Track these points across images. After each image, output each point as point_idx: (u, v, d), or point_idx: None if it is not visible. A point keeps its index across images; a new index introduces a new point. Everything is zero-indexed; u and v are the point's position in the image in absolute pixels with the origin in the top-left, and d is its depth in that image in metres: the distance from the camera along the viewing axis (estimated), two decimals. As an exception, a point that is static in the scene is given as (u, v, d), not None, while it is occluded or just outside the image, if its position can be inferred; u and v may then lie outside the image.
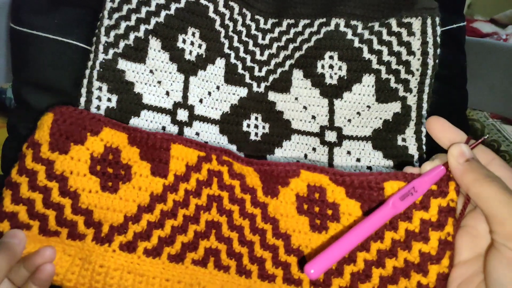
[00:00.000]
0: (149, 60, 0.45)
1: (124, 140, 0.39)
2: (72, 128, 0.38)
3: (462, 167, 0.31)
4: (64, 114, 0.38)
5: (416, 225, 0.34)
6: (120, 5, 0.45)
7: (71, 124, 0.38)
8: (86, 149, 0.38)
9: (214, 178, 0.40)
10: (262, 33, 0.50)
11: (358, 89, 0.49)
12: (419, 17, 0.48)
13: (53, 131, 0.37)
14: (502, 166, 0.32)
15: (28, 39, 0.46)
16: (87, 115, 0.38)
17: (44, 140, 0.37)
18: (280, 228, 0.39)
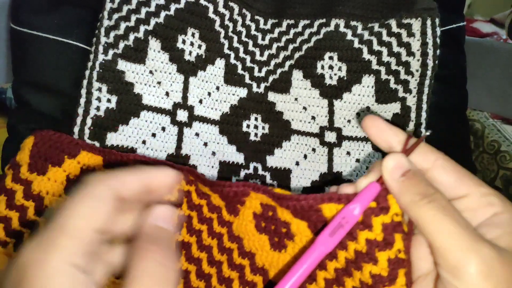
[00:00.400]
0: (149, 61, 0.45)
1: (100, 162, 0.40)
2: (51, 151, 0.39)
3: (397, 184, 0.27)
4: (44, 138, 0.39)
5: (362, 246, 0.30)
6: (119, 5, 0.45)
7: (50, 147, 0.39)
8: (63, 170, 0.39)
9: (184, 198, 0.38)
10: (262, 34, 0.50)
11: (357, 90, 0.49)
12: (419, 18, 0.48)
13: (33, 153, 0.38)
14: (447, 168, 0.28)
15: (28, 39, 0.46)
16: (66, 138, 0.39)
17: (24, 161, 0.39)
18: (245, 247, 0.38)
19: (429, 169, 0.28)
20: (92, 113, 0.43)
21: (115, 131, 0.43)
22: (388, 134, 0.30)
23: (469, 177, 0.27)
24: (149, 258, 0.24)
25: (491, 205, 0.26)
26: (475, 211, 0.26)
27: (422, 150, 0.29)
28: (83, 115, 0.43)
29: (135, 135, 0.44)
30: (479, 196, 0.26)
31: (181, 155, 0.45)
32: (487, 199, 0.26)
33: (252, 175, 0.47)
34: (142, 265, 0.23)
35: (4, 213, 0.38)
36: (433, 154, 0.29)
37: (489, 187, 0.27)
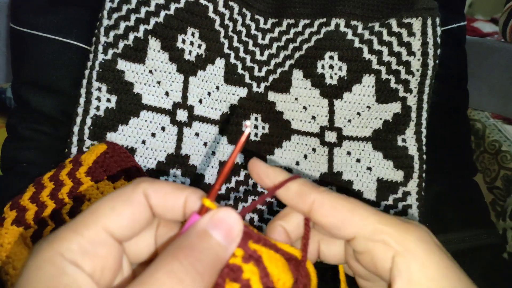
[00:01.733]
0: (149, 61, 0.45)
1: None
2: (114, 166, 0.40)
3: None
4: (115, 152, 0.40)
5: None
6: (119, 5, 0.44)
7: (115, 162, 0.40)
8: (113, 187, 0.39)
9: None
10: (262, 33, 0.50)
11: (358, 90, 0.49)
12: (419, 18, 0.47)
13: (98, 160, 0.39)
14: (325, 210, 0.24)
15: (27, 39, 0.46)
16: (131, 161, 0.41)
17: (86, 163, 0.39)
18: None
19: (309, 213, 0.24)
20: (92, 113, 0.43)
21: (114, 130, 0.43)
22: (268, 178, 0.26)
23: (352, 212, 0.23)
24: (166, 268, 0.18)
25: (386, 244, 0.22)
26: (372, 255, 0.22)
27: (298, 192, 0.24)
28: (82, 114, 0.43)
29: (134, 135, 0.44)
30: (369, 235, 0.22)
31: (181, 155, 0.45)
32: (379, 238, 0.22)
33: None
34: (156, 274, 0.18)
35: (45, 199, 0.38)
36: (310, 196, 0.24)
37: (379, 218, 0.22)
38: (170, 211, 0.22)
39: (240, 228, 0.21)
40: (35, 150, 0.45)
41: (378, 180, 0.48)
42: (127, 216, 0.21)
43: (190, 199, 0.22)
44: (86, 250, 0.20)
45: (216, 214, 0.21)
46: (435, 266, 0.21)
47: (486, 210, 0.53)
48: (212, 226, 0.21)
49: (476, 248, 0.49)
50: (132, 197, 0.21)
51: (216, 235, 0.21)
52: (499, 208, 0.91)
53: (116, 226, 0.21)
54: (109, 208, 0.21)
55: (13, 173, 0.45)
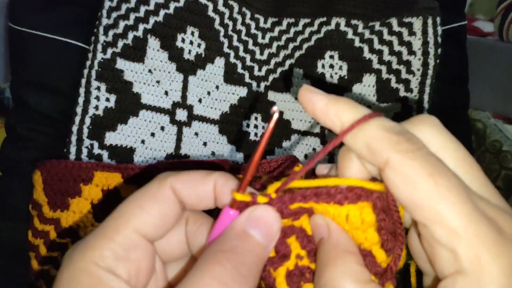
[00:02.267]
0: (148, 60, 0.45)
1: (119, 179, 0.38)
2: (64, 183, 0.37)
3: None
4: (51, 171, 0.37)
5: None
6: (119, 4, 0.44)
7: (60, 179, 0.37)
8: (84, 199, 0.37)
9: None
10: (262, 32, 0.50)
11: (358, 89, 0.49)
12: (420, 17, 0.47)
13: (47, 191, 0.37)
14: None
15: (26, 38, 0.46)
16: (73, 165, 0.37)
17: (42, 200, 0.37)
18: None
19: (382, 172, 0.19)
20: (91, 112, 0.42)
21: (114, 130, 0.43)
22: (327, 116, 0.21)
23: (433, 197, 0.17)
24: (210, 273, 0.18)
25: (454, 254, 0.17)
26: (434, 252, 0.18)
27: (368, 145, 0.19)
28: (81, 114, 0.42)
29: (134, 135, 0.44)
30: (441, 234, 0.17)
31: (181, 155, 0.45)
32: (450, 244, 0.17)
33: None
34: (201, 280, 0.17)
35: (47, 254, 0.37)
36: (383, 153, 0.19)
37: (464, 216, 0.17)
38: (203, 200, 0.22)
39: (279, 225, 0.20)
40: (34, 150, 0.45)
41: None
42: (156, 214, 0.20)
43: (218, 183, 0.21)
44: (119, 255, 0.19)
45: (253, 212, 0.20)
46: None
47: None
48: (251, 225, 0.20)
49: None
50: (159, 193, 0.21)
51: (256, 234, 0.20)
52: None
53: (147, 226, 0.20)
54: (138, 208, 0.20)
55: (12, 173, 0.45)
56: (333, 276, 0.19)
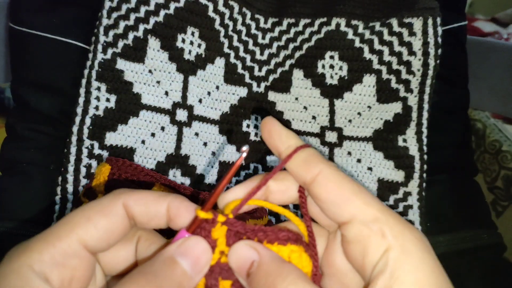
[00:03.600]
0: (148, 60, 0.45)
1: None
2: (126, 183, 0.38)
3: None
4: (121, 169, 0.39)
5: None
6: (119, 4, 0.44)
7: (125, 179, 0.39)
8: None
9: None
10: (262, 33, 0.50)
11: (358, 89, 0.49)
12: (420, 17, 0.47)
13: (109, 184, 0.38)
14: (328, 184, 0.22)
15: (26, 38, 0.46)
16: (141, 171, 0.39)
17: (99, 191, 0.38)
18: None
19: (310, 184, 0.22)
20: (91, 113, 0.42)
21: (114, 130, 0.43)
22: (279, 140, 0.24)
23: (356, 194, 0.21)
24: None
25: (381, 234, 0.20)
26: (364, 244, 0.20)
27: (305, 160, 0.23)
28: (82, 114, 0.42)
29: (134, 135, 0.44)
30: (367, 221, 0.20)
31: (181, 155, 0.45)
32: (377, 226, 0.20)
33: (252, 175, 0.47)
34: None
35: None
36: (317, 166, 0.22)
37: (381, 207, 0.21)
38: (153, 219, 0.22)
39: (208, 258, 0.21)
40: (35, 150, 0.45)
41: (378, 180, 0.48)
42: (102, 227, 0.20)
43: (172, 204, 0.22)
44: (56, 261, 0.19)
45: (185, 242, 0.21)
46: (428, 271, 0.19)
47: (486, 210, 0.53)
48: (179, 253, 0.20)
49: (477, 248, 0.49)
50: (109, 207, 0.21)
51: (183, 264, 0.20)
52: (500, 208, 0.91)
53: (91, 237, 0.20)
54: (84, 218, 0.20)
55: (13, 173, 0.45)
56: (286, 284, 0.19)
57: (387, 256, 0.19)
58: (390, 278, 0.19)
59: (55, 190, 0.42)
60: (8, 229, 0.42)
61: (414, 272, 0.19)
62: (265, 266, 0.21)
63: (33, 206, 0.43)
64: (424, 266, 0.19)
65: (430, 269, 0.19)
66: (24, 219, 0.42)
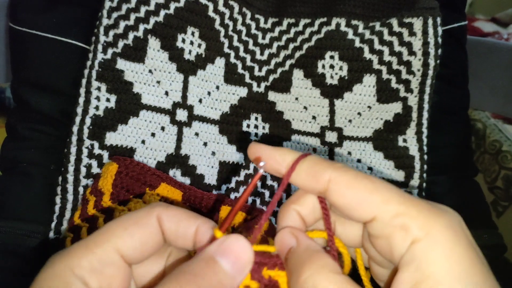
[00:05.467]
0: (148, 60, 0.45)
1: (179, 197, 0.40)
2: (133, 182, 0.39)
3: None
4: (128, 168, 0.39)
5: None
6: (119, 4, 0.44)
7: (131, 178, 0.39)
8: (143, 202, 0.39)
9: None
10: (262, 33, 0.50)
11: (359, 89, 0.49)
12: (420, 17, 0.47)
13: (116, 183, 0.38)
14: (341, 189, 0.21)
15: (26, 38, 0.46)
16: (148, 170, 0.40)
17: (107, 189, 0.38)
18: None
19: (325, 193, 0.22)
20: (91, 113, 0.42)
21: (114, 130, 0.43)
22: (275, 162, 0.24)
23: (372, 193, 0.20)
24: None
25: (405, 229, 0.19)
26: (389, 240, 0.20)
27: (310, 171, 0.22)
28: (82, 114, 0.42)
29: (134, 135, 0.44)
30: (389, 218, 0.19)
31: (181, 155, 0.45)
32: (399, 222, 0.19)
33: (252, 175, 0.47)
34: None
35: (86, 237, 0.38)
36: (324, 173, 0.21)
37: (401, 199, 0.20)
38: (181, 238, 0.22)
39: (250, 257, 0.21)
40: (35, 150, 0.45)
41: None
42: (138, 237, 0.21)
43: (201, 228, 0.22)
44: (95, 268, 0.20)
45: (225, 241, 0.20)
46: (458, 260, 0.18)
47: (487, 210, 0.53)
48: (219, 253, 0.20)
49: (477, 248, 0.49)
50: (145, 220, 0.21)
51: (223, 263, 0.20)
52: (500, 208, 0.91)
53: (127, 246, 0.21)
54: (122, 228, 0.21)
55: (13, 173, 0.45)
56: (311, 272, 0.20)
57: (413, 249, 0.19)
58: (416, 270, 0.18)
59: (55, 190, 0.42)
60: (8, 229, 0.42)
61: (443, 262, 0.18)
62: (298, 253, 0.21)
63: (34, 206, 0.43)
64: (454, 255, 0.18)
65: (461, 257, 0.18)
66: (25, 219, 0.42)
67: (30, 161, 0.44)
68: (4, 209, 0.43)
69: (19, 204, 0.43)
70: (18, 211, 0.42)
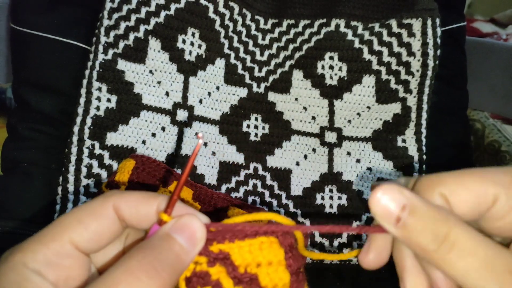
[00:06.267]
0: (149, 61, 0.45)
1: (189, 195, 0.41)
2: (148, 178, 0.40)
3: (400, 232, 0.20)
4: (144, 164, 0.40)
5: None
6: (120, 5, 0.44)
7: (147, 173, 0.40)
8: None
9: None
10: (262, 34, 0.50)
11: (358, 90, 0.49)
12: (419, 18, 0.48)
13: (132, 178, 0.39)
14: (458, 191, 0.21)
15: (27, 39, 0.46)
16: (163, 168, 0.41)
17: (122, 183, 0.39)
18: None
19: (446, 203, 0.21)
20: (92, 113, 0.43)
21: (115, 130, 0.43)
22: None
23: (484, 180, 0.20)
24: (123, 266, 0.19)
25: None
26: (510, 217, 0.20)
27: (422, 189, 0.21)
28: (83, 114, 0.43)
29: (135, 135, 0.44)
30: (508, 196, 0.20)
31: (181, 155, 0.45)
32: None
33: (252, 175, 0.47)
34: (113, 273, 0.18)
35: None
36: (435, 195, 0.21)
37: (503, 173, 0.20)
38: (144, 220, 0.22)
39: (202, 232, 0.21)
40: (36, 150, 0.45)
41: (378, 180, 0.48)
42: (93, 229, 0.21)
43: (161, 206, 0.22)
44: (50, 261, 0.20)
45: (179, 220, 0.21)
46: None
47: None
48: (175, 230, 0.21)
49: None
50: (99, 210, 0.21)
51: (179, 239, 0.21)
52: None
53: (82, 239, 0.21)
54: (75, 220, 0.21)
55: (14, 173, 0.45)
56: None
57: None
58: None
59: (56, 190, 0.42)
60: (9, 228, 0.42)
61: None
62: (422, 208, 0.20)
63: (34, 206, 0.43)
64: None
65: None
66: (25, 218, 0.42)
67: (31, 161, 0.44)
68: (5, 209, 0.43)
69: (19, 204, 0.43)
70: (19, 211, 0.43)
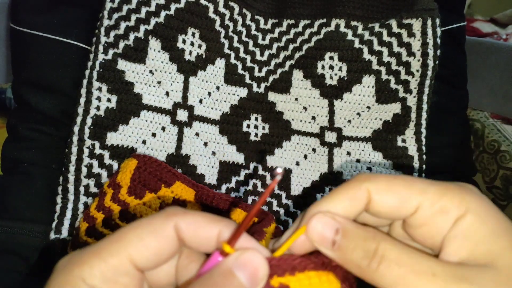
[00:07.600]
0: (149, 61, 0.45)
1: (191, 196, 0.41)
2: (150, 178, 0.40)
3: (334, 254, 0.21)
4: (146, 164, 0.40)
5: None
6: (120, 5, 0.44)
7: (149, 173, 0.40)
8: (157, 197, 0.40)
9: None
10: (262, 34, 0.50)
11: (358, 90, 0.49)
12: (419, 18, 0.48)
13: (134, 177, 0.40)
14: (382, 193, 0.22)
15: (27, 39, 0.46)
16: (165, 167, 0.41)
17: (125, 183, 0.40)
18: None
19: (368, 203, 0.22)
20: (92, 113, 0.43)
21: (115, 130, 0.43)
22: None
23: (411, 187, 0.21)
24: None
25: (445, 211, 0.21)
26: (432, 226, 0.21)
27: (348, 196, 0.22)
28: (83, 114, 0.43)
29: (135, 135, 0.44)
30: (429, 205, 0.21)
31: (181, 155, 0.45)
32: (439, 206, 0.21)
33: (252, 175, 0.47)
34: None
35: (101, 230, 0.39)
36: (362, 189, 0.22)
37: (439, 186, 0.22)
38: (204, 244, 0.22)
39: (265, 271, 0.21)
40: (36, 150, 0.45)
41: None
42: (153, 248, 0.21)
43: (224, 232, 0.22)
44: (107, 278, 0.20)
45: (242, 255, 0.21)
46: (499, 222, 0.20)
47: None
48: (237, 266, 0.20)
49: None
50: (161, 229, 0.21)
51: (240, 276, 0.20)
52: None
53: (141, 256, 0.20)
54: (136, 237, 0.21)
55: (14, 173, 0.45)
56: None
57: (458, 225, 0.20)
58: (465, 240, 0.20)
59: (56, 190, 0.42)
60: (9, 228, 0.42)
61: (488, 228, 0.20)
62: (352, 230, 0.21)
63: (35, 206, 0.43)
64: (494, 220, 0.20)
65: (500, 220, 0.20)
66: (26, 218, 0.42)
67: (31, 161, 0.44)
68: (5, 209, 0.43)
69: (19, 204, 0.43)
70: (19, 211, 0.43)
